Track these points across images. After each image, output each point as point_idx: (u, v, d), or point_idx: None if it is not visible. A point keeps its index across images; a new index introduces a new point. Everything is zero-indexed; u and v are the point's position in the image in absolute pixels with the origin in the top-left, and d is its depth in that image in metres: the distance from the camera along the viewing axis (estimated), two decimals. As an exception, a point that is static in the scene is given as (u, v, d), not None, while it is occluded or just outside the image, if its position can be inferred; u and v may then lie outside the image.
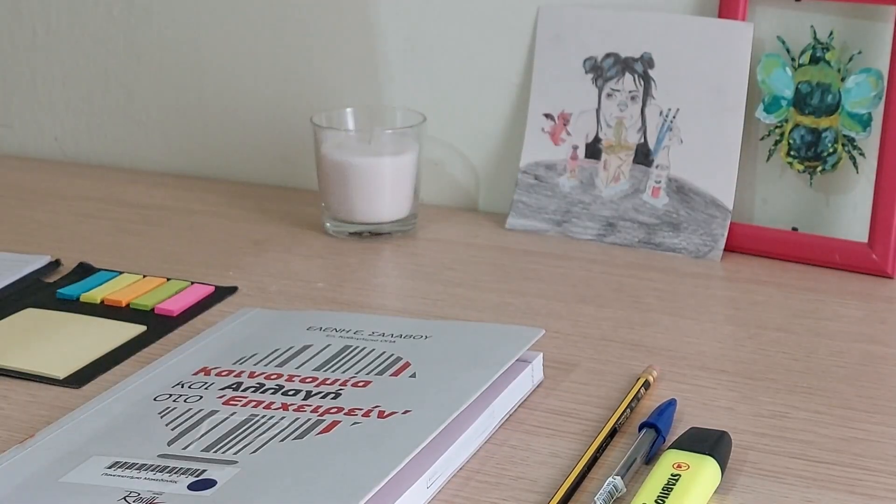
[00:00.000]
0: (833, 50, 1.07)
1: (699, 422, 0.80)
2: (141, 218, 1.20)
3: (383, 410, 0.75)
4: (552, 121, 1.16)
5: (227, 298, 1.00)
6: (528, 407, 0.83)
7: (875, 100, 1.06)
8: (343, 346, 0.86)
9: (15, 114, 1.40)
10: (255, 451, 0.71)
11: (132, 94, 1.34)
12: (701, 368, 0.88)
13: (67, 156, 1.38)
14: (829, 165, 1.09)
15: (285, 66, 1.27)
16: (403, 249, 1.12)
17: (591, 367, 0.88)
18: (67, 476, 0.70)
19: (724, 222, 1.09)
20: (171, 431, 0.74)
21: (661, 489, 0.69)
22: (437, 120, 1.20)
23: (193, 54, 1.30)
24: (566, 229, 1.14)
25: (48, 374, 0.87)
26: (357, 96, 1.24)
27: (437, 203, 1.23)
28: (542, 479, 0.74)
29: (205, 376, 0.82)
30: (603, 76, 1.14)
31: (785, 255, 1.08)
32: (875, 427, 0.80)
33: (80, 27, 1.34)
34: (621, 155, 1.13)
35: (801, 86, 1.08)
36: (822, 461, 0.76)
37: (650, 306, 0.99)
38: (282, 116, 1.28)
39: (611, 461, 0.76)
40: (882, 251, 1.04)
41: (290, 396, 0.78)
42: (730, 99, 1.09)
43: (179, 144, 1.34)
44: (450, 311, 0.98)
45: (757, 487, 0.73)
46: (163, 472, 0.69)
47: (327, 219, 1.15)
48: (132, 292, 1.00)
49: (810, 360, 0.90)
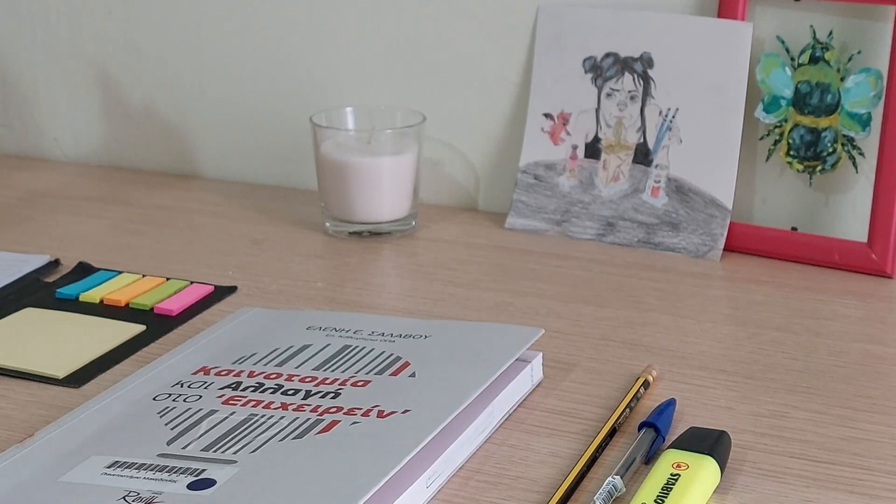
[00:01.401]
0: (832, 50, 1.07)
1: (698, 421, 0.80)
2: (140, 218, 1.20)
3: (383, 410, 0.75)
4: (552, 120, 1.16)
5: (226, 298, 1.00)
6: (527, 406, 0.83)
7: (874, 99, 1.06)
8: (342, 345, 0.86)
9: (15, 114, 1.40)
10: (254, 450, 0.71)
11: (132, 94, 1.34)
12: (700, 368, 0.88)
13: (67, 156, 1.38)
14: (829, 165, 1.09)
15: (285, 66, 1.27)
16: (403, 249, 1.12)
17: (590, 367, 0.88)
18: (67, 475, 0.70)
19: (724, 222, 1.09)
20: (171, 431, 0.74)
21: (661, 489, 0.69)
22: (436, 120, 1.20)
23: (193, 54, 1.30)
24: (566, 229, 1.14)
25: (47, 374, 0.87)
26: (357, 96, 1.24)
27: (437, 203, 1.23)
28: (541, 478, 0.74)
29: (204, 376, 0.82)
30: (602, 76, 1.14)
31: (784, 255, 1.08)
32: (874, 427, 0.80)
33: (80, 27, 1.34)
34: (621, 155, 1.13)
35: (800, 85, 1.08)
36: (821, 461, 0.76)
37: (649, 306, 0.99)
38: (282, 116, 1.28)
39: (610, 461, 0.76)
40: (881, 251, 1.04)
41: (289, 396, 0.78)
42: (729, 99, 1.09)
43: (179, 144, 1.34)
44: (449, 311, 0.98)
45: (756, 487, 0.73)
46: (162, 472, 0.69)
47: (327, 218, 1.15)
48: (131, 292, 1.00)
49: (810, 360, 0.90)
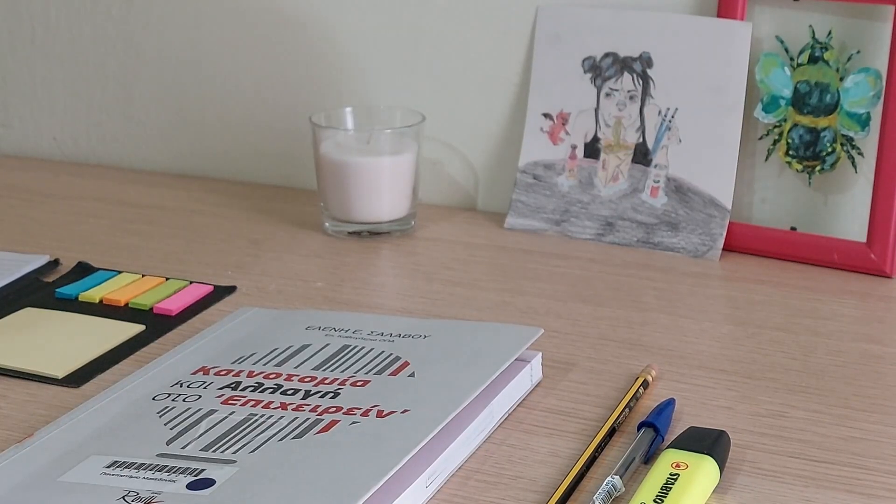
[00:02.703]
0: (832, 49, 1.07)
1: (698, 421, 0.80)
2: (140, 217, 1.20)
3: (382, 410, 0.75)
4: (551, 120, 1.16)
5: (225, 298, 1.00)
6: (526, 406, 0.83)
7: (873, 99, 1.06)
8: (342, 345, 0.86)
9: (14, 114, 1.40)
10: (253, 450, 0.71)
11: (131, 94, 1.34)
12: (699, 368, 0.88)
13: (66, 155, 1.38)
14: (828, 165, 1.09)
15: (285, 66, 1.27)
16: (402, 249, 1.12)
17: (589, 367, 0.88)
18: (66, 475, 0.70)
19: (723, 222, 1.09)
20: (170, 431, 0.74)
21: (660, 488, 0.69)
22: (436, 120, 1.20)
23: (193, 54, 1.30)
24: (565, 229, 1.14)
25: (47, 374, 0.87)
26: (357, 96, 1.24)
27: (436, 202, 1.23)
28: (540, 478, 0.74)
29: (203, 376, 0.82)
30: (601, 76, 1.14)
31: (783, 255, 1.08)
32: (873, 426, 0.80)
33: (80, 27, 1.34)
34: (620, 154, 1.13)
35: (799, 85, 1.08)
36: (820, 460, 0.76)
37: (649, 306, 0.99)
38: (281, 116, 1.28)
39: (609, 460, 0.76)
40: (880, 250, 1.04)
41: (288, 396, 0.78)
42: (728, 98, 1.09)
43: (179, 144, 1.34)
44: (448, 311, 0.98)
45: (755, 487, 0.73)
46: (161, 472, 0.69)
47: (326, 218, 1.15)
48: (131, 292, 1.00)
49: (809, 360, 0.90)
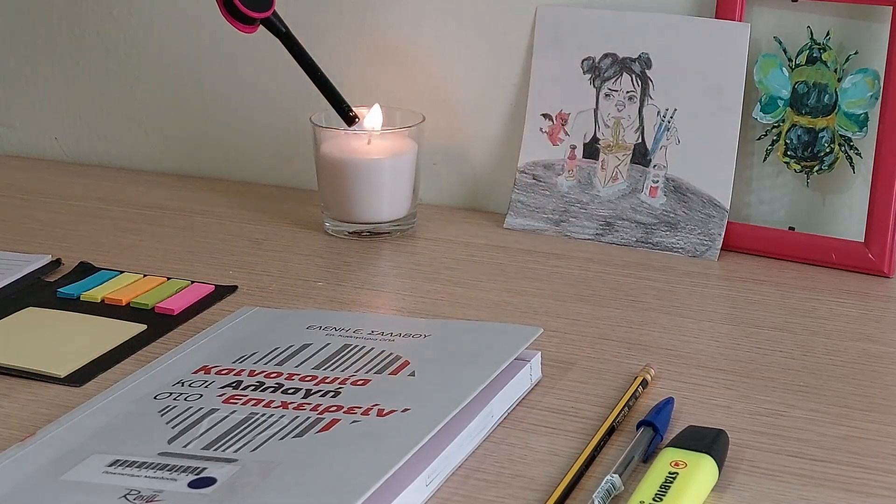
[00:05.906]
0: (830, 50, 1.07)
1: (696, 420, 0.80)
2: (141, 217, 1.20)
3: (382, 409, 0.75)
4: (550, 121, 1.16)
5: (227, 297, 1.01)
6: (526, 405, 0.83)
7: (871, 100, 1.06)
8: (342, 344, 0.86)
9: (15, 114, 1.40)
10: (254, 449, 0.72)
11: (132, 93, 1.34)
12: (698, 367, 0.89)
13: (67, 155, 1.39)
14: (826, 165, 1.09)
15: (285, 66, 1.27)
16: (402, 249, 1.12)
17: (589, 366, 0.89)
18: (68, 474, 0.70)
19: (722, 222, 1.09)
20: (172, 430, 0.74)
21: (659, 487, 0.69)
22: (436, 120, 1.20)
23: (193, 54, 1.30)
24: (564, 229, 1.14)
25: (49, 373, 0.87)
26: (357, 96, 1.24)
27: (436, 202, 1.23)
28: (540, 477, 0.74)
29: (205, 375, 0.82)
30: (601, 76, 1.14)
31: (782, 255, 1.09)
32: (871, 425, 0.81)
33: (80, 27, 1.34)
34: (619, 155, 1.14)
35: (797, 86, 1.09)
36: (818, 459, 0.76)
37: (648, 305, 0.99)
38: (282, 116, 1.28)
39: (609, 459, 0.76)
40: (878, 250, 1.05)
41: (289, 395, 0.78)
42: (727, 99, 1.10)
43: (179, 144, 1.34)
44: (448, 310, 0.98)
45: (754, 486, 0.73)
46: (163, 470, 0.69)
47: (327, 218, 1.15)
48: (132, 291, 1.00)
49: (807, 359, 0.90)
